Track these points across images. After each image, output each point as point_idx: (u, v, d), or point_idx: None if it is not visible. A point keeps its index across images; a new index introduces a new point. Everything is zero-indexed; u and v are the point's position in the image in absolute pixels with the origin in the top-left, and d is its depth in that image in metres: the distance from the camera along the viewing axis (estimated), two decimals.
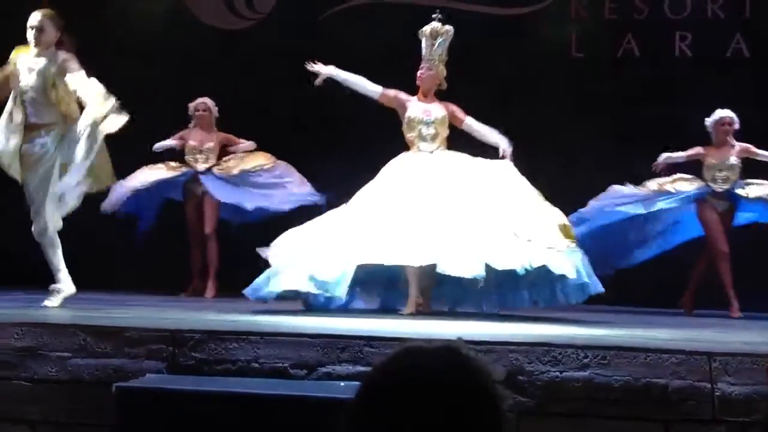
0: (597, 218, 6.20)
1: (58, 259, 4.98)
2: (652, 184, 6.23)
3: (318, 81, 5.60)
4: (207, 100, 6.79)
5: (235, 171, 6.63)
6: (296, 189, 6.54)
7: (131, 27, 7.40)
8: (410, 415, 1.16)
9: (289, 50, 7.21)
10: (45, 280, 6.33)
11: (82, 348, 3.80)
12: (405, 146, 5.57)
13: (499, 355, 3.57)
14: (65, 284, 4.99)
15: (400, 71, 5.66)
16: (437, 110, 5.57)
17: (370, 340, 3.74)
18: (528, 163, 5.37)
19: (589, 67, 7.21)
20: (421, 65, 5.61)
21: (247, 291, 5.13)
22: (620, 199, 6.22)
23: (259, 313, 4.86)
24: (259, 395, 3.34)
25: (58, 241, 4.98)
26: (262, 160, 6.67)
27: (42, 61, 4.98)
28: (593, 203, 6.23)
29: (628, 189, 6.24)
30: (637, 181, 6.36)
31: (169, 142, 6.75)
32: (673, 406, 3.51)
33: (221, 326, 4.07)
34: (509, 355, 3.60)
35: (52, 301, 4.93)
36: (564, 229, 5.22)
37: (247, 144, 6.77)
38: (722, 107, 6.29)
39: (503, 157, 5.48)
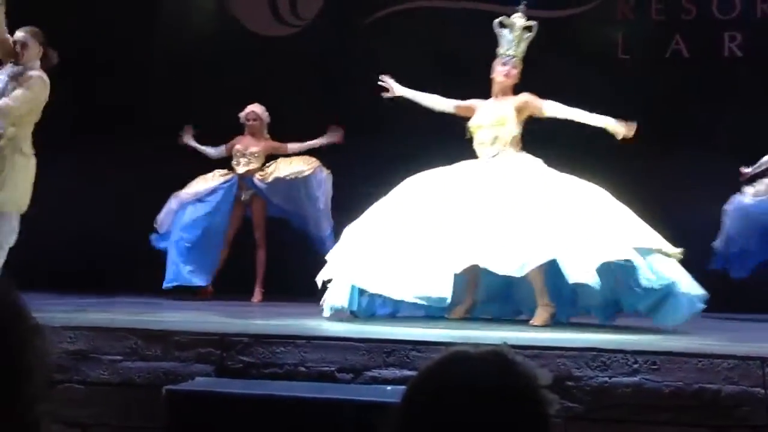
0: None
1: None
2: (750, 189, 6.02)
3: (387, 95, 5.36)
4: (256, 108, 6.73)
5: (270, 179, 6.56)
6: (315, 225, 6.44)
7: (178, 36, 7.50)
8: (456, 419, 1.16)
9: (333, 55, 7.26)
10: (93, 284, 6.46)
11: (133, 351, 3.86)
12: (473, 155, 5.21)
13: (546, 360, 3.54)
14: None
15: (445, 74, 5.65)
16: (501, 109, 5.10)
17: (416, 344, 3.74)
18: (574, 167, 5.31)
19: (637, 68, 7.13)
20: (504, 61, 5.19)
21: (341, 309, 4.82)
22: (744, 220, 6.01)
23: (305, 318, 4.88)
24: (306, 399, 3.36)
25: None
26: (302, 165, 6.55)
27: (10, 72, 4.97)
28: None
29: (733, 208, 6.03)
30: (683, 183, 6.26)
31: (204, 148, 6.74)
32: (725, 412, 3.45)
33: (269, 330, 4.11)
34: (556, 361, 3.57)
35: None
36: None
37: (295, 146, 6.64)
38: None
39: (623, 137, 5.00)
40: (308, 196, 6.50)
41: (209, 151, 6.79)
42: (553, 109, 5.16)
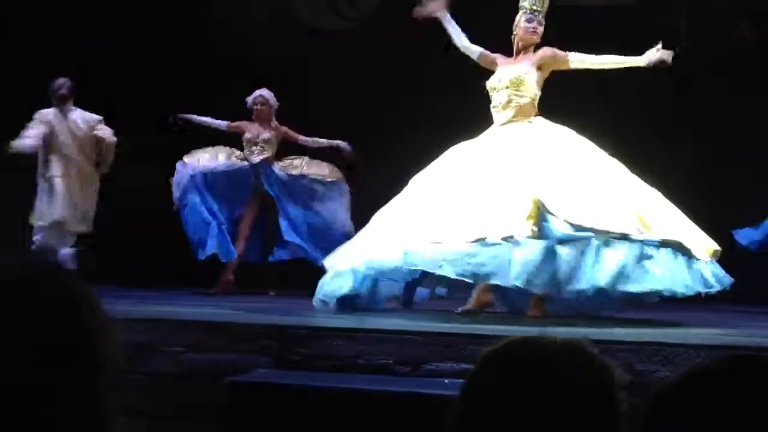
0: None
1: None
2: None
3: (420, 14, 5.09)
4: (265, 93, 6.46)
5: (295, 172, 6.32)
6: (339, 224, 6.17)
7: (236, 29, 7.57)
8: (519, 414, 1.15)
9: (393, 49, 7.24)
10: (154, 278, 6.57)
11: (195, 343, 3.93)
12: None
13: (607, 354, 3.49)
14: None
15: None
16: (518, 68, 4.85)
17: (473, 338, 3.73)
18: (639, 161, 5.17)
19: (700, 57, 6.98)
20: (529, 17, 4.91)
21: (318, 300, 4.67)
22: None
23: (361, 311, 4.88)
24: (364, 391, 3.38)
25: None
26: (326, 171, 6.32)
27: None
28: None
29: None
30: (747, 175, 6.11)
31: (205, 119, 6.37)
32: None
33: (326, 323, 4.14)
34: (618, 354, 3.53)
35: None
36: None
37: (307, 140, 6.39)
38: None
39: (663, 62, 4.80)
40: (329, 199, 6.25)
41: (211, 122, 6.41)
42: (578, 58, 4.91)
